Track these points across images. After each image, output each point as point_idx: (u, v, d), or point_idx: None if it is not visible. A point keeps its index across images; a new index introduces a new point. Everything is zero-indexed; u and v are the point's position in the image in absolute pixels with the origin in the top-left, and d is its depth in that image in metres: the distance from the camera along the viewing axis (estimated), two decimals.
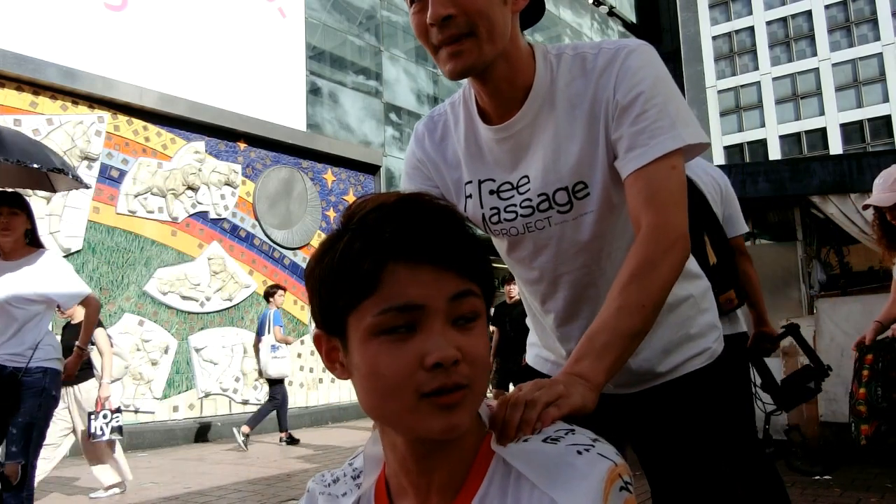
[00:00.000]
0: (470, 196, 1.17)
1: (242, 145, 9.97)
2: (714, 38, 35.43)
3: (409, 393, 0.66)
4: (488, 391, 4.56)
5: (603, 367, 0.86)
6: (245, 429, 7.12)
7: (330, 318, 0.71)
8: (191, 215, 9.10)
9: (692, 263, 1.21)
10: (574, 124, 1.08)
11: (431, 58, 1.04)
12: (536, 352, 1.36)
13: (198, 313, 9.00)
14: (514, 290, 6.33)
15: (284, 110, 10.58)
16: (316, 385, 10.21)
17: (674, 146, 1.00)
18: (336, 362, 0.73)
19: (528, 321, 1.38)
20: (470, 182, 1.17)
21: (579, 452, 0.67)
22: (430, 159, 1.21)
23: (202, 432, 8.28)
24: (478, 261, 0.71)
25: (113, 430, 4.59)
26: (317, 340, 0.74)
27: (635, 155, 1.01)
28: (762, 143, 33.41)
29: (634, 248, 0.98)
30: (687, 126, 1.02)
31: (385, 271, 0.66)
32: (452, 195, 1.20)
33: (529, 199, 1.12)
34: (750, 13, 35.13)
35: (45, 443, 3.23)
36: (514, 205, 1.14)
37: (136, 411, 8.14)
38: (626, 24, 24.87)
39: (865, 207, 2.83)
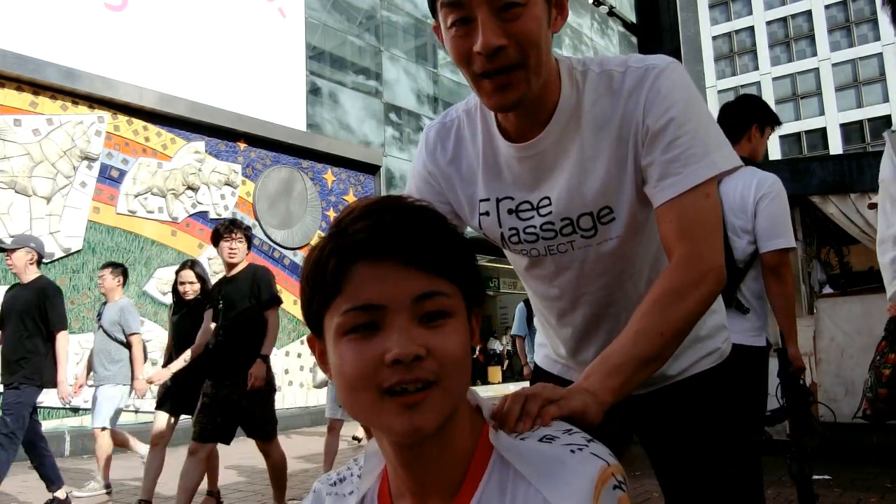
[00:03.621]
0: (486, 213, 1.13)
1: (242, 145, 9.97)
2: (714, 38, 35.43)
3: (371, 389, 0.66)
4: None
5: (610, 387, 0.85)
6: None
7: (311, 320, 0.73)
8: (191, 215, 9.10)
9: None
10: (600, 146, 1.04)
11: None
12: (546, 352, 1.35)
13: None
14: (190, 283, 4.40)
15: (284, 110, 10.59)
16: None
17: (709, 174, 0.98)
18: (325, 363, 0.74)
19: (536, 322, 1.37)
20: (487, 200, 1.12)
21: (572, 451, 0.68)
22: (443, 173, 1.16)
23: None
24: (452, 260, 0.70)
25: None
26: (310, 343, 0.76)
27: (668, 184, 0.98)
28: None
29: (664, 275, 0.97)
30: (720, 150, 1.00)
31: (350, 271, 0.67)
32: (465, 210, 1.16)
33: (552, 223, 1.09)
34: (750, 13, 35.12)
35: None
36: (535, 226, 1.10)
37: (136, 411, 8.14)
38: (626, 24, 24.87)
39: (871, 206, 2.78)
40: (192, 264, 4.57)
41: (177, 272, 4.62)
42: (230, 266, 3.88)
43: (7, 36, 7.53)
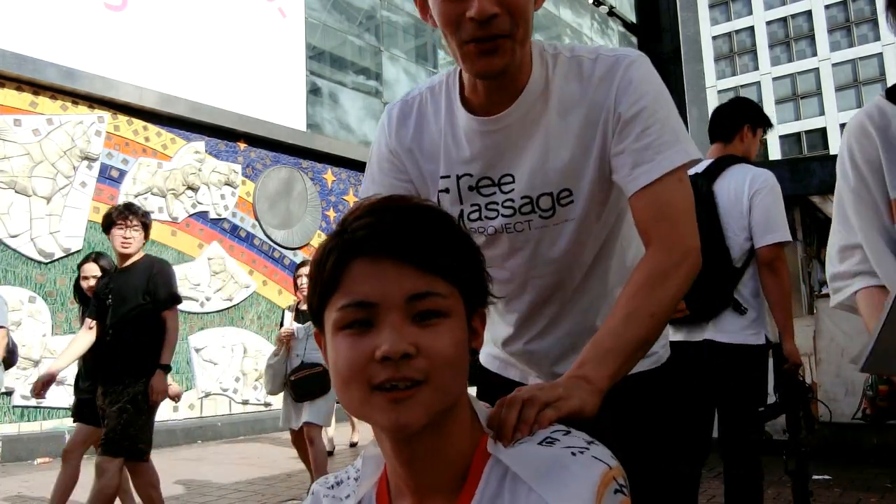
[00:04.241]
0: (446, 191, 1.13)
1: (242, 145, 9.97)
2: (714, 38, 35.43)
3: (362, 384, 0.68)
4: None
5: (606, 373, 0.86)
6: None
7: (314, 315, 0.74)
8: (191, 215, 9.10)
9: None
10: (567, 130, 1.06)
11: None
12: (488, 349, 1.33)
13: (198, 313, 9.00)
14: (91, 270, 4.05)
15: (284, 110, 10.59)
16: None
17: (681, 160, 1.00)
18: (326, 357, 0.75)
19: None
20: (447, 177, 1.13)
21: (574, 455, 0.68)
22: (405, 148, 1.16)
23: (202, 432, 8.28)
24: (451, 260, 0.71)
25: None
26: (316, 338, 0.78)
27: (643, 171, 1.00)
28: (762, 143, 33.36)
29: (646, 259, 0.99)
30: (689, 140, 1.03)
31: (347, 268, 0.69)
32: (427, 188, 1.16)
33: (512, 200, 1.10)
34: (750, 13, 35.13)
35: None
36: (497, 203, 1.11)
37: None
38: (626, 24, 24.86)
39: None
40: (95, 257, 4.13)
41: (79, 266, 4.19)
42: (123, 257, 3.43)
43: (7, 36, 7.52)
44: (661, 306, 0.94)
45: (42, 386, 3.50)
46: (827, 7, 33.29)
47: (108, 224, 3.44)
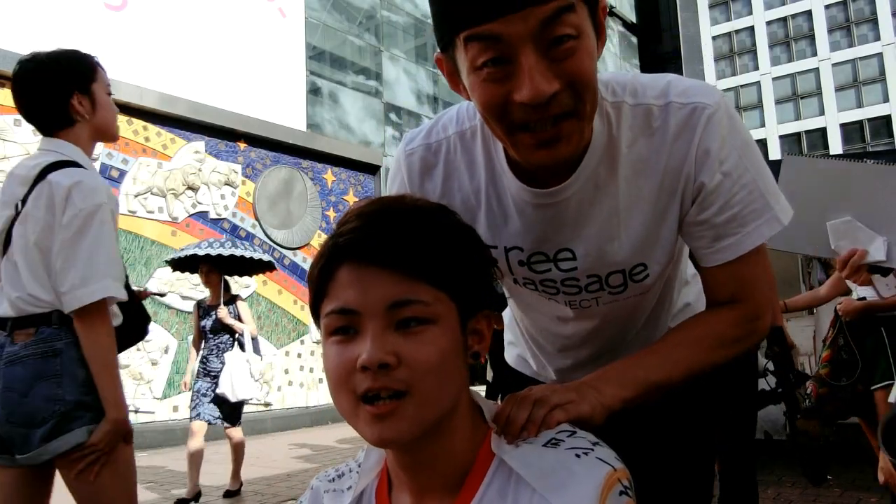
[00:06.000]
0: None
1: (242, 145, 9.96)
2: (714, 38, 35.42)
3: (348, 393, 0.67)
4: None
5: (622, 396, 0.84)
6: None
7: (316, 318, 0.74)
8: (191, 215, 9.10)
9: (690, 268, 1.17)
10: (638, 196, 0.91)
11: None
12: (518, 352, 1.27)
13: None
14: None
15: (284, 110, 10.59)
16: (316, 385, 10.21)
17: (769, 233, 0.89)
18: None
19: (508, 319, 1.28)
20: (493, 247, 0.97)
21: (578, 456, 0.68)
22: None
23: None
24: (438, 265, 0.69)
25: None
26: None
27: (726, 246, 0.90)
28: (762, 143, 33.42)
29: (715, 318, 0.94)
30: (777, 199, 0.91)
31: (335, 275, 0.69)
32: None
33: (576, 279, 0.97)
34: (750, 13, 35.12)
35: None
36: (554, 281, 0.98)
37: (136, 411, 8.13)
38: (626, 24, 24.86)
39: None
40: None
41: None
42: None
43: (7, 36, 7.52)
44: (701, 365, 0.91)
45: None
46: (827, 7, 33.28)
47: None
